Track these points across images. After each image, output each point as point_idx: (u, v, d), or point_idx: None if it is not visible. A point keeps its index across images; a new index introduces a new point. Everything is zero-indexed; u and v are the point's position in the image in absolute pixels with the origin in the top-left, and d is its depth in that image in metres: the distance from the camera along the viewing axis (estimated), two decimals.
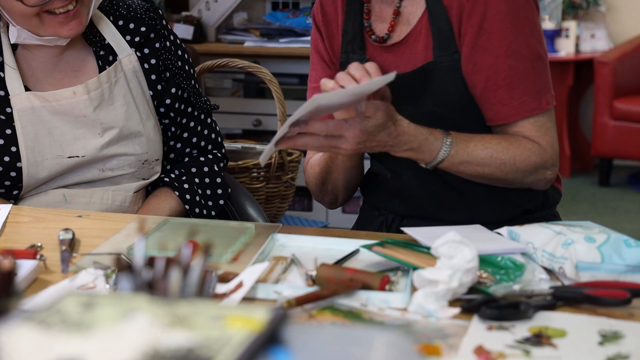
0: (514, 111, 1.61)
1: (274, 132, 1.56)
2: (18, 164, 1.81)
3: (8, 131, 1.81)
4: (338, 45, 1.76)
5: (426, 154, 1.55)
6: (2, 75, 1.83)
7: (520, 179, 1.62)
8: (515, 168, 1.59)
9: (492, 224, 1.60)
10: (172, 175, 1.93)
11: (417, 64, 1.64)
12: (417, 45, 1.65)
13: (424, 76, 1.63)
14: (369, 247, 1.39)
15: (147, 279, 0.94)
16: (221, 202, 1.96)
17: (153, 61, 1.91)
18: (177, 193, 1.90)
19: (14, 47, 1.85)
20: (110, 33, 1.89)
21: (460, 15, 1.60)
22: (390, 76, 1.45)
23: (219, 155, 2.01)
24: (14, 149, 1.81)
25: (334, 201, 1.83)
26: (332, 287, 1.26)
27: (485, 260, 1.35)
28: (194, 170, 1.95)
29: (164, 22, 1.95)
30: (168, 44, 1.93)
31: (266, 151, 1.46)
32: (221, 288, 1.26)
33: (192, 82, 1.97)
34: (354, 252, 1.45)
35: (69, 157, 1.82)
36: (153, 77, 1.91)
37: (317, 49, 1.80)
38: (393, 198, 1.76)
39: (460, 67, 1.62)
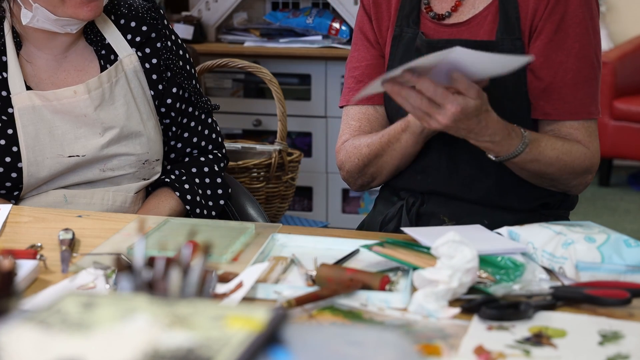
0: (574, 110, 1.66)
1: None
2: (19, 165, 1.81)
3: (9, 131, 1.81)
4: (387, 26, 1.78)
5: (504, 148, 1.57)
6: (5, 75, 1.83)
7: (572, 180, 1.67)
8: (572, 170, 1.65)
9: (511, 211, 1.68)
10: (173, 176, 1.93)
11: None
12: (480, 29, 1.69)
13: (483, 50, 1.65)
14: (369, 247, 1.39)
15: (147, 279, 0.94)
16: (221, 202, 1.96)
17: (154, 61, 1.91)
18: (177, 193, 1.89)
19: (18, 46, 1.85)
20: (111, 33, 1.89)
21: (536, 10, 1.66)
22: (527, 58, 1.51)
23: (220, 155, 2.01)
24: (15, 149, 1.81)
25: (368, 184, 1.81)
26: (332, 287, 1.26)
27: (485, 260, 1.35)
28: (194, 170, 1.95)
29: (165, 22, 1.95)
30: (169, 43, 1.93)
31: (369, 88, 1.47)
32: (221, 288, 1.26)
33: (193, 82, 1.97)
34: (354, 252, 1.45)
35: (70, 156, 1.82)
36: (154, 76, 1.91)
37: (363, 30, 1.82)
38: (416, 174, 1.76)
39: (521, 54, 1.67)
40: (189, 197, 1.90)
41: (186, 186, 1.91)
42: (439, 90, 1.45)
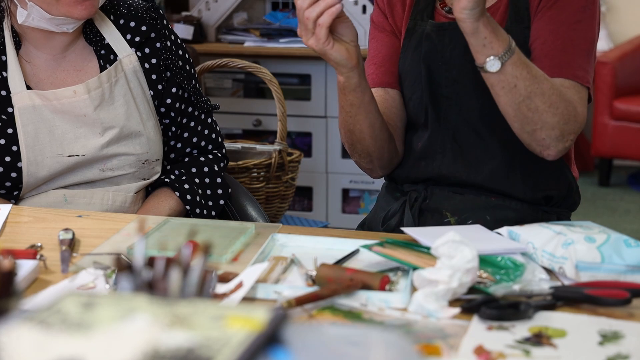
0: (559, 66, 1.63)
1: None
2: (19, 164, 1.81)
3: (9, 130, 1.81)
4: (401, 22, 1.80)
5: (504, 35, 1.53)
6: (5, 74, 1.83)
7: (556, 121, 1.58)
8: (557, 104, 1.57)
9: (514, 203, 1.68)
10: (172, 176, 1.93)
11: None
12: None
13: None
14: (369, 247, 1.39)
15: (147, 279, 0.94)
16: (221, 202, 1.96)
17: (154, 61, 1.91)
18: (177, 193, 1.89)
19: (18, 46, 1.85)
20: (110, 32, 1.89)
21: None
22: None
23: (220, 155, 2.01)
24: (14, 148, 1.81)
25: (372, 164, 1.78)
26: (332, 287, 1.26)
27: (485, 260, 1.35)
28: (194, 170, 1.95)
29: (165, 22, 1.95)
30: (169, 43, 1.93)
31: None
32: (221, 288, 1.26)
33: (193, 82, 1.97)
34: (354, 252, 1.45)
35: (69, 155, 1.82)
36: (153, 76, 1.91)
37: (380, 24, 1.84)
38: (420, 160, 1.76)
39: (527, 43, 1.67)
40: (188, 197, 1.90)
41: (186, 186, 1.91)
42: None
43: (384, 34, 1.84)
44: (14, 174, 1.81)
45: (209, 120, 2.01)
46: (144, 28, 1.91)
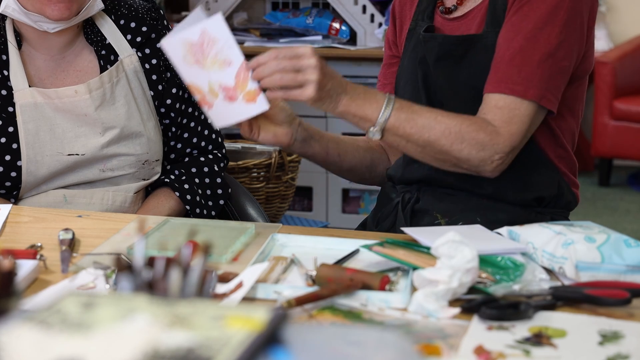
0: (498, 81, 1.60)
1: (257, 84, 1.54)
2: (18, 163, 1.81)
3: (10, 129, 1.82)
4: (407, 22, 1.82)
5: (373, 104, 1.54)
6: (7, 73, 1.83)
7: (467, 153, 1.57)
8: (461, 137, 1.56)
9: (504, 206, 1.67)
10: (172, 176, 1.93)
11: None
12: (474, 21, 1.70)
13: (466, 46, 1.68)
14: (369, 247, 1.39)
15: (147, 279, 0.94)
16: (221, 202, 1.96)
17: (154, 61, 1.91)
18: (177, 193, 1.90)
19: (19, 45, 1.86)
20: (111, 33, 1.89)
21: None
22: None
23: (220, 155, 2.01)
24: (15, 146, 1.81)
25: (356, 176, 1.88)
26: (332, 287, 1.26)
27: (485, 260, 1.35)
28: (194, 170, 1.95)
29: (165, 22, 1.95)
30: None
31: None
32: (221, 288, 1.26)
33: None
34: (354, 252, 1.45)
35: (69, 154, 1.82)
36: (154, 77, 1.91)
37: (387, 31, 1.88)
38: (412, 163, 1.76)
39: None
40: (188, 197, 1.90)
41: (186, 186, 1.91)
42: (292, 49, 1.49)
43: (388, 52, 1.88)
44: (13, 173, 1.81)
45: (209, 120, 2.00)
46: (144, 28, 1.91)
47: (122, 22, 1.90)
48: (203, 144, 1.99)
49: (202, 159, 1.98)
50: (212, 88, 1.49)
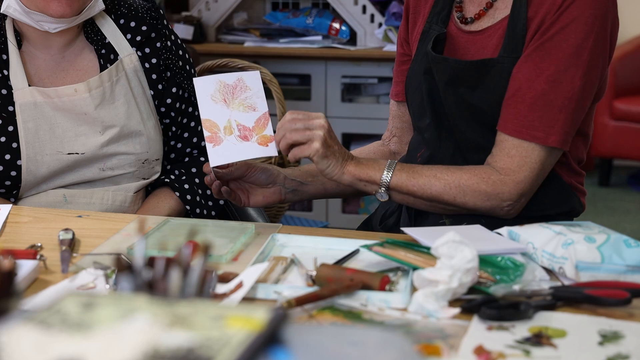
0: (519, 127, 1.57)
1: (273, 132, 1.59)
2: (18, 162, 1.81)
3: (10, 128, 1.82)
4: (422, 21, 1.79)
5: (376, 168, 1.60)
6: (6, 73, 1.83)
7: (473, 204, 1.59)
8: (463, 191, 1.58)
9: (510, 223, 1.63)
10: (172, 176, 1.93)
11: (483, 57, 1.65)
12: (490, 41, 1.66)
13: (481, 70, 1.63)
14: (369, 247, 1.39)
15: (147, 279, 0.94)
16: (221, 202, 1.96)
17: (154, 60, 1.91)
18: (177, 193, 1.90)
19: (19, 45, 1.86)
20: (111, 32, 1.89)
21: (540, 25, 1.58)
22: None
23: None
24: (14, 145, 1.81)
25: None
26: (332, 287, 1.26)
27: (485, 260, 1.35)
28: (194, 170, 1.95)
29: (165, 22, 1.95)
30: (169, 43, 1.94)
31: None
32: (221, 288, 1.26)
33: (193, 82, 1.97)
34: (354, 252, 1.45)
35: (69, 153, 1.83)
36: (154, 76, 1.91)
37: (400, 33, 1.87)
38: (421, 164, 1.75)
39: None
40: (188, 197, 1.90)
41: (186, 186, 1.91)
42: (303, 115, 1.56)
43: (400, 49, 1.87)
44: (13, 173, 1.81)
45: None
46: (144, 28, 1.91)
47: (122, 21, 1.91)
48: (203, 144, 1.99)
49: (202, 158, 1.98)
50: (230, 125, 1.58)
